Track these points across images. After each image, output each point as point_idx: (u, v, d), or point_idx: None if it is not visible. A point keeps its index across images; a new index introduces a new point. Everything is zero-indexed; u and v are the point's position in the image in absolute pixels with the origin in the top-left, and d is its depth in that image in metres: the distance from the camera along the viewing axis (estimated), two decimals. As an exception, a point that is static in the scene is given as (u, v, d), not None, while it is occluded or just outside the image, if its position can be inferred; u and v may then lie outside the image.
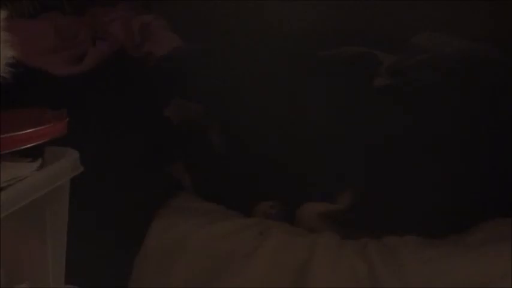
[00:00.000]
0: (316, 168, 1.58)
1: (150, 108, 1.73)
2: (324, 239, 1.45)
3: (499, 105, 1.58)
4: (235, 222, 1.52)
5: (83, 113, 1.55)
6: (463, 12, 2.10)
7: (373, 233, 1.47)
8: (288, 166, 1.60)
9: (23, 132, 0.98)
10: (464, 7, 2.09)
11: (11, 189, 0.95)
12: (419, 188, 1.50)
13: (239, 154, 1.64)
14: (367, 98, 1.68)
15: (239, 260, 1.44)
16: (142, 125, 1.72)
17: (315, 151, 1.59)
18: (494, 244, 1.40)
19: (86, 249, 1.39)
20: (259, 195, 1.60)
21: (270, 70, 1.77)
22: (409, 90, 1.67)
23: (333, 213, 1.53)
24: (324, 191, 1.56)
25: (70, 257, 1.10)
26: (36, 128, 1.00)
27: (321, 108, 1.64)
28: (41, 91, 1.78)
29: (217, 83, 1.74)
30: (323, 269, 1.39)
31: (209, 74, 1.78)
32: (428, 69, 1.77)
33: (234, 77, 1.75)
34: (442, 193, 1.49)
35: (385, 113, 1.60)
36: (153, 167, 1.66)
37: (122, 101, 1.80)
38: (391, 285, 1.35)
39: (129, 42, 2.16)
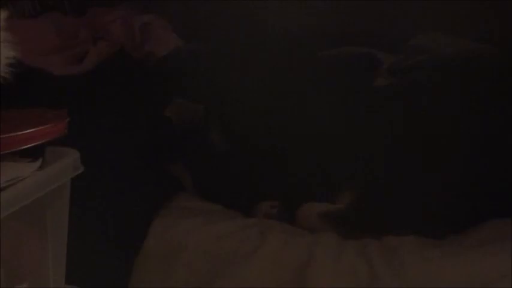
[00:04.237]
0: (316, 168, 1.58)
1: (150, 108, 1.73)
2: (324, 239, 1.45)
3: (499, 105, 1.58)
4: (235, 222, 1.52)
5: (83, 113, 1.56)
6: (463, 12, 2.10)
7: (373, 233, 1.47)
8: (288, 166, 1.60)
9: (23, 132, 0.98)
10: (464, 7, 2.09)
11: (11, 189, 0.95)
12: (419, 188, 1.50)
13: (239, 154, 1.64)
14: (367, 98, 1.68)
15: (239, 260, 1.44)
16: (142, 125, 1.72)
17: (315, 151, 1.59)
18: (494, 244, 1.40)
19: (86, 249, 1.39)
20: (259, 195, 1.60)
21: (270, 70, 1.77)
22: (409, 90, 1.67)
23: (333, 213, 1.53)
24: (324, 191, 1.56)
25: (70, 257, 1.10)
26: (36, 128, 1.00)
27: (321, 108, 1.64)
28: (41, 91, 1.79)
29: (217, 83, 1.74)
30: (323, 269, 1.39)
31: (209, 74, 1.78)
32: (428, 69, 1.77)
33: (234, 77, 1.75)
34: (442, 193, 1.49)
35: (385, 113, 1.60)
36: (153, 167, 1.66)
37: (122, 100, 1.80)
38: (391, 285, 1.35)
39: (129, 42, 2.16)
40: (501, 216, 1.48)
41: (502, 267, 1.34)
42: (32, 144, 0.99)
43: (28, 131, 0.99)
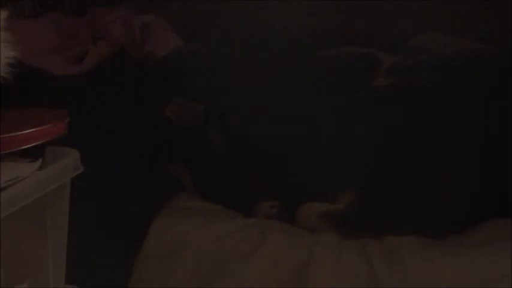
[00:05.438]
0: (316, 168, 1.58)
1: (150, 108, 1.73)
2: (324, 239, 1.45)
3: (499, 105, 1.58)
4: (235, 222, 1.52)
5: (83, 113, 1.56)
6: (463, 12, 2.10)
7: (373, 233, 1.47)
8: (288, 166, 1.60)
9: (23, 132, 0.98)
10: (464, 7, 2.09)
11: (11, 189, 0.95)
12: (419, 187, 1.50)
13: (239, 154, 1.64)
14: (367, 98, 1.68)
15: (239, 260, 1.44)
16: (142, 125, 1.72)
17: (315, 151, 1.59)
18: (494, 244, 1.40)
19: (86, 249, 1.39)
20: (259, 195, 1.60)
21: (270, 70, 1.77)
22: (409, 90, 1.67)
23: (333, 213, 1.53)
24: (324, 191, 1.56)
25: (70, 257, 1.10)
26: (36, 128, 1.00)
27: (321, 108, 1.64)
28: (41, 91, 1.78)
29: (217, 83, 1.74)
30: (323, 269, 1.39)
31: (209, 74, 1.78)
32: (429, 69, 1.77)
33: (234, 77, 1.75)
34: (442, 193, 1.49)
35: (385, 113, 1.60)
36: (153, 167, 1.66)
37: (122, 101, 1.80)
38: (391, 285, 1.35)
39: (130, 42, 2.16)
40: (501, 216, 1.48)
41: (502, 267, 1.34)
42: (32, 144, 0.99)
43: (28, 131, 0.99)
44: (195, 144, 1.67)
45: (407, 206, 1.49)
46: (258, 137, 1.63)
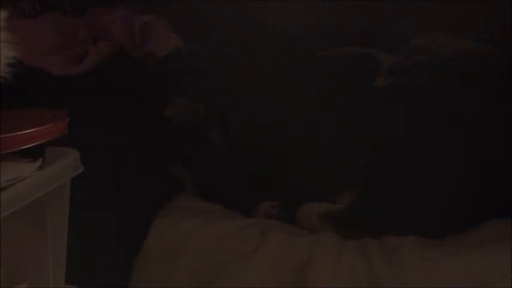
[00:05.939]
0: (316, 168, 1.58)
1: (150, 108, 1.73)
2: (324, 239, 1.45)
3: (499, 105, 1.58)
4: (235, 222, 1.52)
5: (83, 113, 1.55)
6: (463, 12, 2.10)
7: (373, 233, 1.47)
8: (288, 166, 1.60)
9: (23, 132, 0.98)
10: (464, 7, 2.09)
11: (11, 189, 0.95)
12: (419, 188, 1.50)
13: (239, 154, 1.64)
14: (367, 98, 1.68)
15: (239, 260, 1.44)
16: (142, 125, 1.72)
17: (315, 151, 1.59)
18: (494, 244, 1.40)
19: (86, 249, 1.39)
20: (259, 195, 1.60)
21: (270, 70, 1.77)
22: (409, 90, 1.68)
23: (333, 213, 1.53)
24: (324, 191, 1.56)
25: (70, 257, 1.10)
26: (36, 128, 1.00)
27: (321, 108, 1.64)
28: (41, 91, 1.79)
29: (217, 83, 1.74)
30: (323, 269, 1.39)
31: (209, 74, 1.78)
32: (429, 69, 1.77)
33: (234, 77, 1.75)
34: (442, 193, 1.49)
35: (385, 113, 1.60)
36: (153, 167, 1.66)
37: (122, 101, 1.80)
38: (391, 285, 1.35)
39: (130, 42, 2.16)
40: (501, 216, 1.48)
41: (502, 267, 1.34)
42: (32, 144, 0.99)
43: (28, 131, 0.99)
44: (195, 144, 1.67)
45: (407, 206, 1.49)
46: (258, 137, 1.63)
